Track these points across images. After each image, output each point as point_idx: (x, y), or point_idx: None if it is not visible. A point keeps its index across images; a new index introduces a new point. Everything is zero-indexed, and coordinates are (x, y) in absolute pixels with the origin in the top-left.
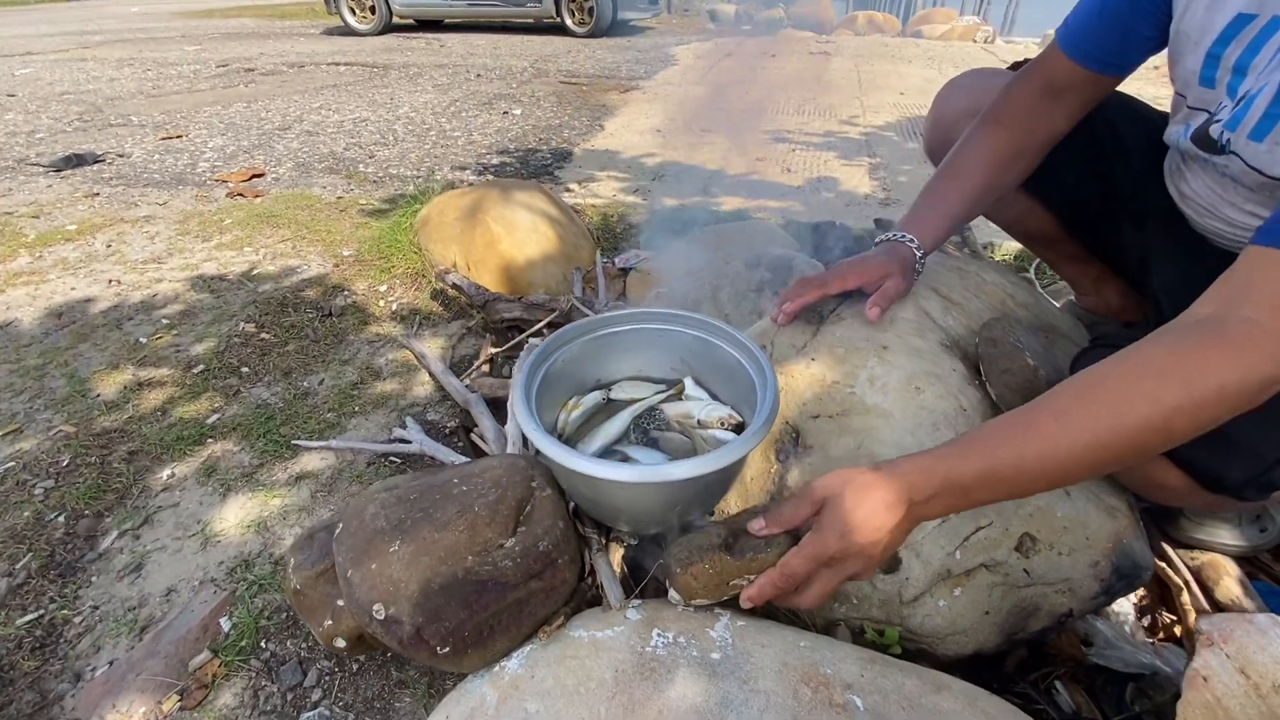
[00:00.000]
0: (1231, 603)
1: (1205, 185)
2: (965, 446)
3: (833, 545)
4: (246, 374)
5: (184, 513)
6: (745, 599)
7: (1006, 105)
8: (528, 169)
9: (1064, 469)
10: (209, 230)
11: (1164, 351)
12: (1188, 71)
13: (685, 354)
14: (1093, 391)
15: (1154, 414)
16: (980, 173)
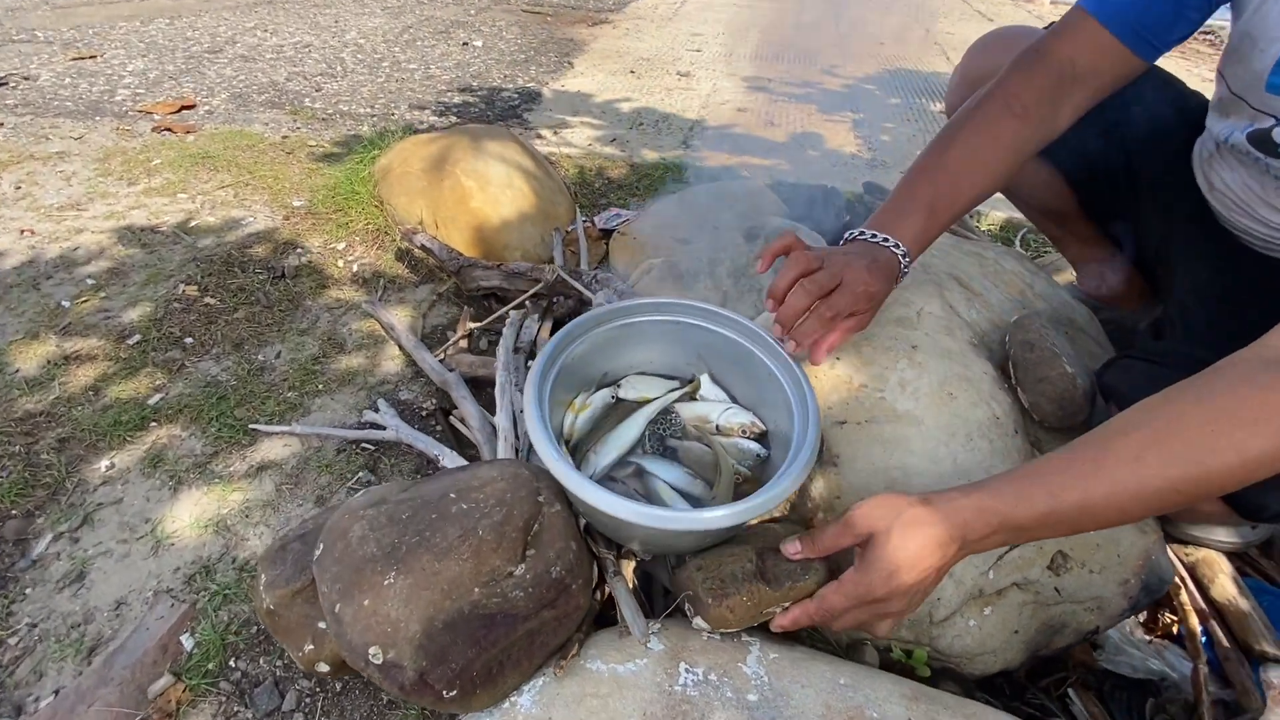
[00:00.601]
0: (1228, 602)
1: (1242, 181)
2: (1026, 484)
3: (879, 588)
4: (191, 345)
5: (129, 510)
6: (777, 626)
7: (1023, 89)
8: (494, 111)
9: (1127, 512)
10: (135, 171)
11: (1251, 394)
12: (1253, 74)
13: (702, 349)
14: (1171, 434)
15: (1238, 463)
16: (990, 174)
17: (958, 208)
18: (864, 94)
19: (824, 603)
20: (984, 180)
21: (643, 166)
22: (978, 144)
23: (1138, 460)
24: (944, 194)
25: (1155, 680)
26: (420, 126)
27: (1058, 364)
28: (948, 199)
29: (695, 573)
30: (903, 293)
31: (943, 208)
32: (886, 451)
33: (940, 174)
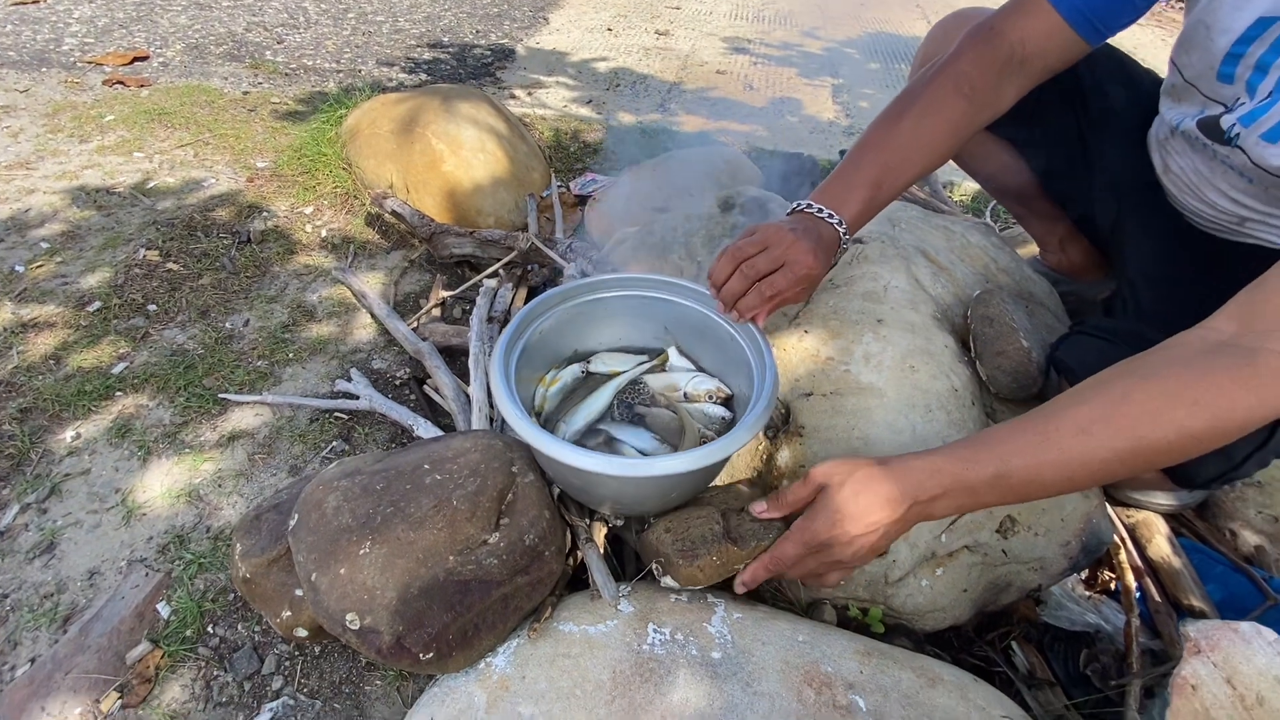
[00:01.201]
0: (1162, 560)
1: (1193, 165)
2: (977, 449)
3: (822, 532)
4: (155, 313)
5: (97, 481)
6: (740, 585)
7: (973, 69)
8: (466, 69)
9: (1074, 480)
10: (86, 128)
11: (1193, 377)
12: (1204, 65)
13: (669, 322)
14: (1117, 411)
15: (1177, 440)
16: (935, 153)
17: (900, 185)
18: (844, 58)
19: (777, 551)
20: (928, 159)
21: (620, 130)
22: (927, 124)
23: (1084, 433)
24: (890, 171)
25: (1091, 632)
26: (389, 84)
27: (1015, 338)
28: (893, 176)
29: (664, 534)
30: (870, 267)
31: (887, 185)
32: (849, 423)
33: (888, 151)
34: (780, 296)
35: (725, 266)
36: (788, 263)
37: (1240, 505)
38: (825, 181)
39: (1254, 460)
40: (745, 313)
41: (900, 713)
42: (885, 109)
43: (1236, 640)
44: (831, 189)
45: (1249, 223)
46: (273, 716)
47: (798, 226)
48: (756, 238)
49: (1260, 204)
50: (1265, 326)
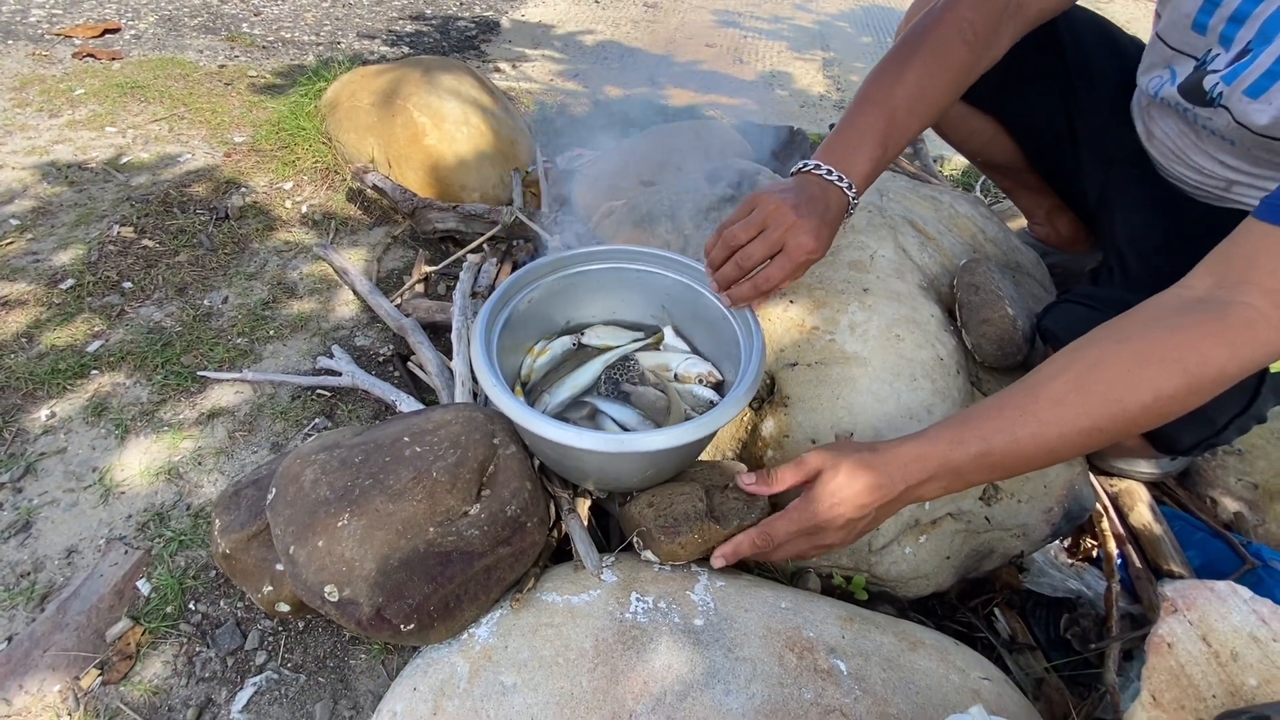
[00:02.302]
0: (1144, 527)
1: (1177, 129)
2: (960, 430)
3: (821, 514)
4: (130, 290)
5: (74, 459)
6: (719, 557)
7: (975, 15)
8: (449, 41)
9: (1056, 452)
10: (56, 102)
11: (1164, 335)
12: (1180, 14)
13: (666, 299)
14: (1091, 378)
15: (1154, 401)
16: (939, 104)
17: (906, 139)
18: (836, 31)
19: (768, 529)
20: (933, 111)
21: (607, 104)
22: (932, 72)
23: (1061, 404)
24: (897, 125)
25: (1072, 598)
26: (370, 57)
27: (1000, 306)
28: (900, 130)
29: (647, 509)
30: (857, 236)
31: (894, 140)
32: (835, 392)
33: (893, 105)
34: (776, 288)
35: (720, 252)
36: (786, 248)
37: (1221, 473)
38: (830, 137)
39: (1235, 426)
40: (738, 302)
41: (881, 675)
42: (885, 59)
43: (1212, 599)
44: (837, 146)
45: (1236, 186)
46: (256, 690)
47: (801, 200)
48: (754, 217)
49: (1247, 165)
50: (1236, 279)
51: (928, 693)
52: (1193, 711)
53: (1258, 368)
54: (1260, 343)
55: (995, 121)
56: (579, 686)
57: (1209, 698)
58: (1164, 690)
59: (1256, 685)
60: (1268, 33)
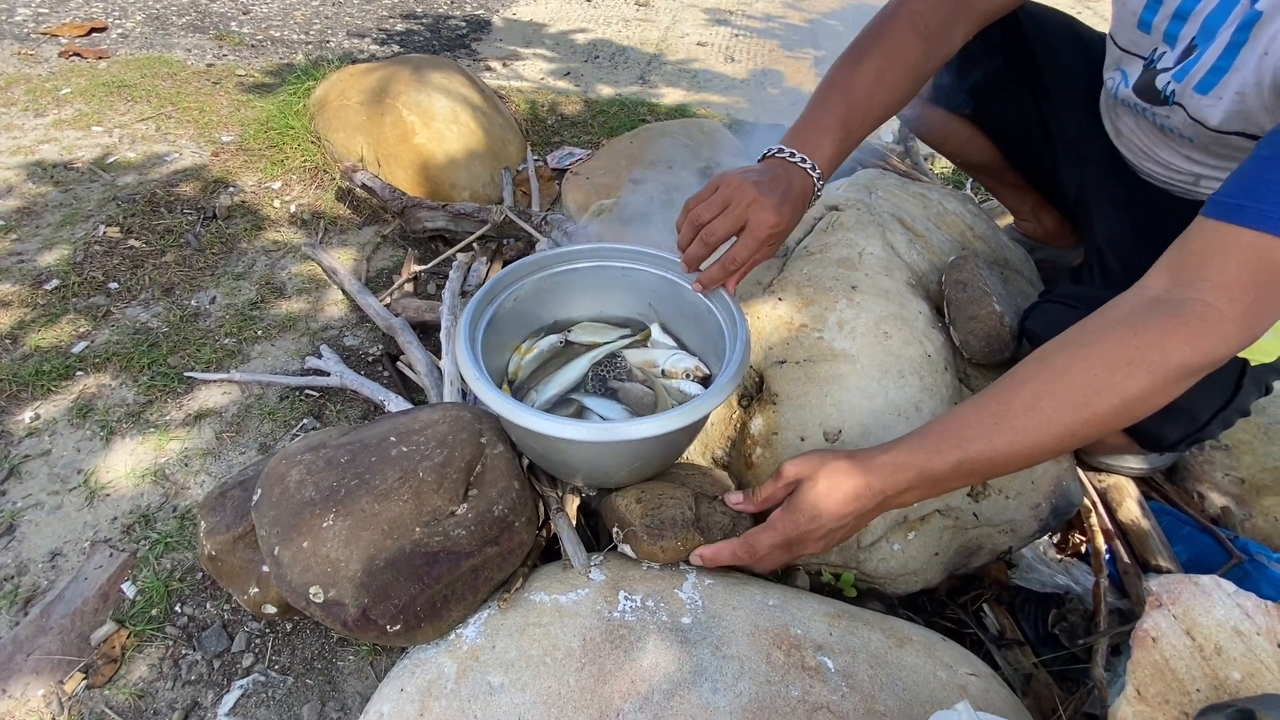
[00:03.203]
0: (1132, 523)
1: (1139, 128)
2: (937, 439)
3: (802, 525)
4: (116, 291)
5: (58, 461)
6: (698, 558)
7: (927, 10)
8: (440, 40)
9: (1032, 456)
10: (42, 101)
11: (1127, 337)
12: (1128, 12)
13: (653, 297)
14: (1060, 384)
15: (1121, 402)
16: (897, 93)
17: (867, 127)
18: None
19: (751, 540)
20: (892, 99)
21: (598, 103)
22: (887, 64)
23: (1034, 409)
24: (858, 112)
25: (1061, 594)
26: (360, 56)
27: (988, 303)
28: (860, 117)
29: (635, 504)
30: (846, 234)
31: (855, 126)
32: (823, 390)
33: (853, 92)
34: (744, 267)
35: (687, 230)
36: (749, 224)
37: (1208, 468)
38: (794, 125)
39: (1218, 420)
40: (709, 285)
41: (868, 672)
42: (845, 51)
43: (1197, 593)
44: (801, 132)
45: (1204, 180)
46: (243, 693)
47: (764, 178)
48: (716, 196)
49: (1210, 159)
50: (1190, 276)
51: (915, 689)
52: (1177, 705)
53: (1221, 361)
54: (1219, 336)
55: (971, 124)
56: (566, 686)
57: (1193, 691)
58: (1149, 684)
59: (1240, 679)
60: (1210, 27)
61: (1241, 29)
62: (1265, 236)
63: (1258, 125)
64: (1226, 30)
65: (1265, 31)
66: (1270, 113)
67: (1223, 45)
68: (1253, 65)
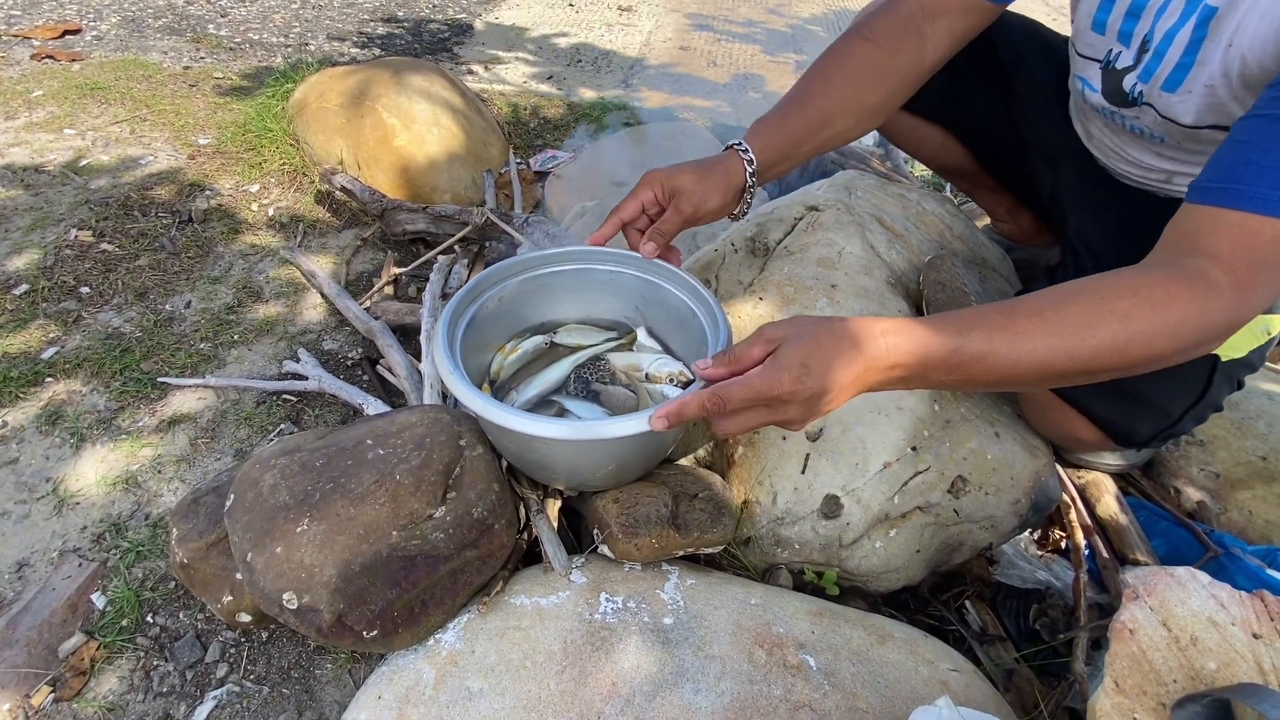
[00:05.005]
0: (1110, 518)
1: (1109, 131)
2: (938, 322)
3: (783, 384)
4: (88, 295)
5: (26, 470)
6: (660, 418)
7: (878, 20)
8: (421, 43)
9: (1021, 368)
10: (13, 104)
11: (1134, 276)
12: (1083, 15)
13: (639, 300)
14: (1066, 302)
15: (1119, 332)
16: (840, 88)
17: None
18: (809, 35)
19: (722, 392)
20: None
21: (580, 106)
22: (835, 64)
23: (1037, 318)
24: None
25: (1042, 589)
26: (340, 59)
27: (965, 302)
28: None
29: (612, 505)
30: (825, 233)
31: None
32: None
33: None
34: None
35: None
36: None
37: (1184, 463)
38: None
39: (1190, 416)
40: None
41: (850, 670)
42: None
43: (1172, 584)
44: (753, 129)
45: (1177, 177)
46: (217, 704)
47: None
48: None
49: (1183, 154)
50: (1185, 249)
51: (896, 686)
52: (1154, 696)
53: (1217, 330)
54: (1217, 301)
55: (942, 129)
56: (547, 689)
57: (1170, 683)
58: (1126, 676)
59: (1215, 669)
60: (1167, 27)
61: (1200, 25)
62: (1250, 216)
63: (1229, 116)
64: (1186, 29)
65: (1225, 25)
66: (1240, 102)
67: (1185, 42)
68: (1218, 59)
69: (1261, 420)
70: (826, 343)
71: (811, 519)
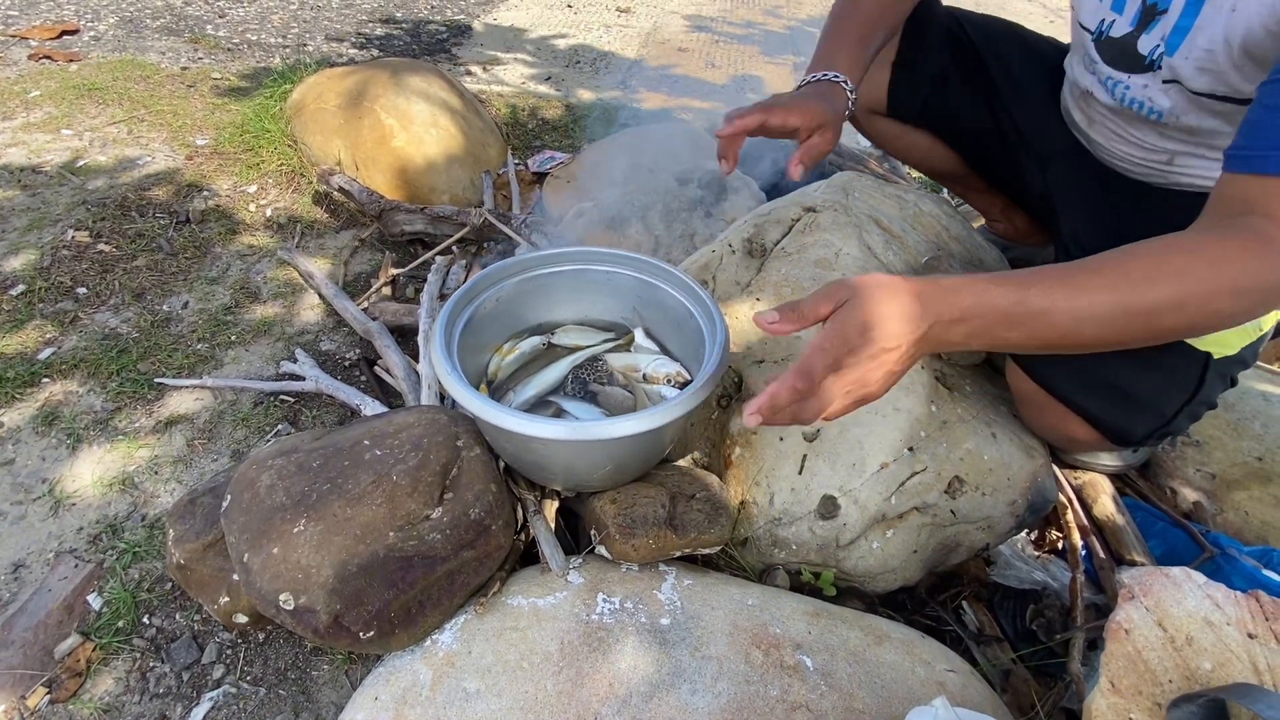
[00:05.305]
0: (1107, 519)
1: (1110, 111)
2: (1000, 276)
3: (853, 337)
4: (85, 296)
5: (22, 471)
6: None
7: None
8: (419, 44)
9: (1082, 326)
10: (10, 104)
11: (1188, 236)
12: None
13: (636, 301)
14: (1124, 260)
15: (1176, 289)
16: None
17: (878, 40)
18: (807, 37)
19: (804, 366)
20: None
21: (579, 107)
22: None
23: (1096, 274)
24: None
25: (1038, 590)
26: (338, 60)
27: None
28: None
29: (609, 505)
30: (823, 234)
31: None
32: None
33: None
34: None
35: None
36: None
37: (1180, 464)
38: (815, 55)
39: (1185, 414)
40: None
41: (847, 670)
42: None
43: (1168, 584)
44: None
45: (1179, 157)
46: (213, 706)
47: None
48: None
49: (1184, 134)
50: (1236, 213)
51: (893, 686)
52: (1150, 697)
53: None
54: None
55: (929, 134)
56: (543, 690)
57: (1165, 683)
58: (1122, 676)
59: (1211, 669)
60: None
61: None
62: None
63: (1227, 84)
64: None
65: None
66: (1240, 70)
67: (1181, 6)
68: (1221, 23)
69: (1257, 421)
70: (886, 298)
71: (809, 519)
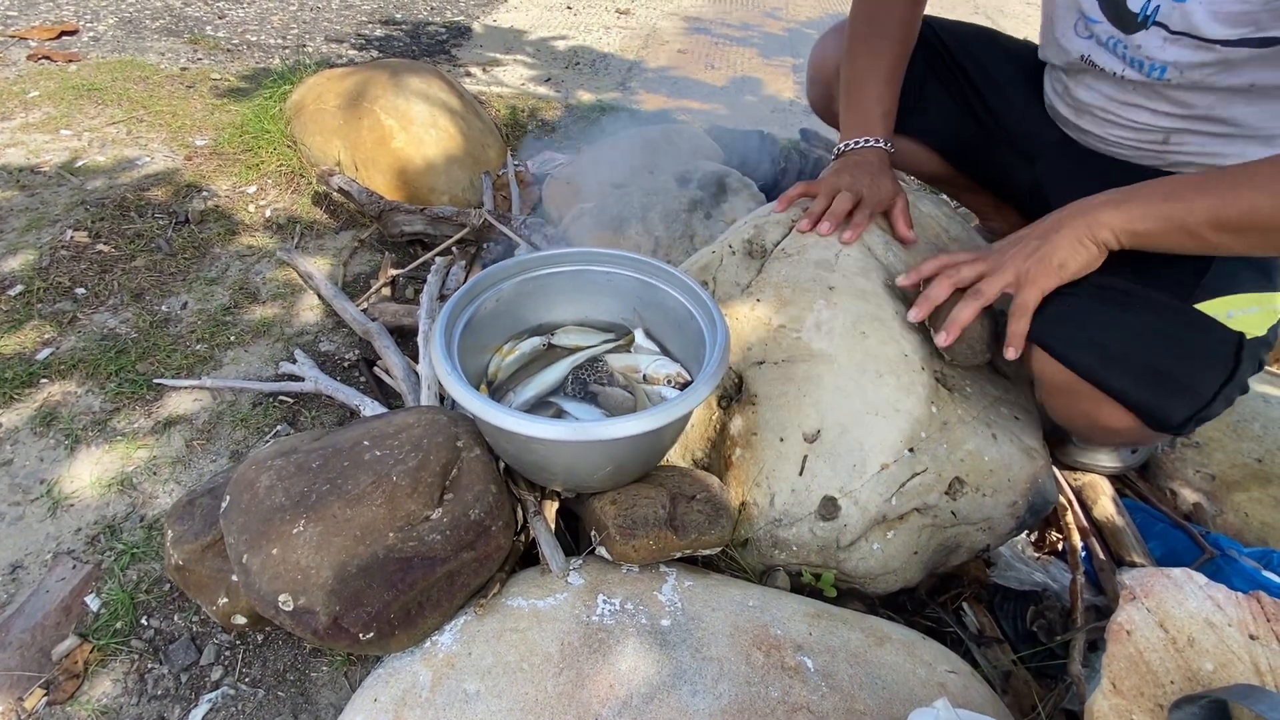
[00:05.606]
0: (1107, 520)
1: (1103, 92)
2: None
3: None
4: (84, 296)
5: (20, 471)
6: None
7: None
8: (419, 46)
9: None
10: (9, 104)
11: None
12: None
13: (636, 302)
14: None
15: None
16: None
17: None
18: (805, 39)
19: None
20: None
21: (578, 108)
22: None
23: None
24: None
25: (1039, 591)
26: (338, 61)
27: None
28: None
29: (609, 506)
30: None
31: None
32: (801, 389)
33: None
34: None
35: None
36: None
37: (1180, 465)
38: (844, 120)
39: (1221, 397)
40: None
41: (848, 672)
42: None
43: (1169, 585)
44: (854, 123)
45: (1174, 135)
46: (212, 707)
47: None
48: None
49: (1178, 110)
50: None
51: (894, 687)
52: (1151, 698)
53: None
54: None
55: (911, 139)
56: (544, 692)
57: (1167, 684)
58: (1123, 677)
59: (1212, 670)
60: None
61: None
62: None
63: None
64: None
65: None
66: (1274, 14)
67: None
68: None
69: (1257, 422)
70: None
71: (809, 520)
